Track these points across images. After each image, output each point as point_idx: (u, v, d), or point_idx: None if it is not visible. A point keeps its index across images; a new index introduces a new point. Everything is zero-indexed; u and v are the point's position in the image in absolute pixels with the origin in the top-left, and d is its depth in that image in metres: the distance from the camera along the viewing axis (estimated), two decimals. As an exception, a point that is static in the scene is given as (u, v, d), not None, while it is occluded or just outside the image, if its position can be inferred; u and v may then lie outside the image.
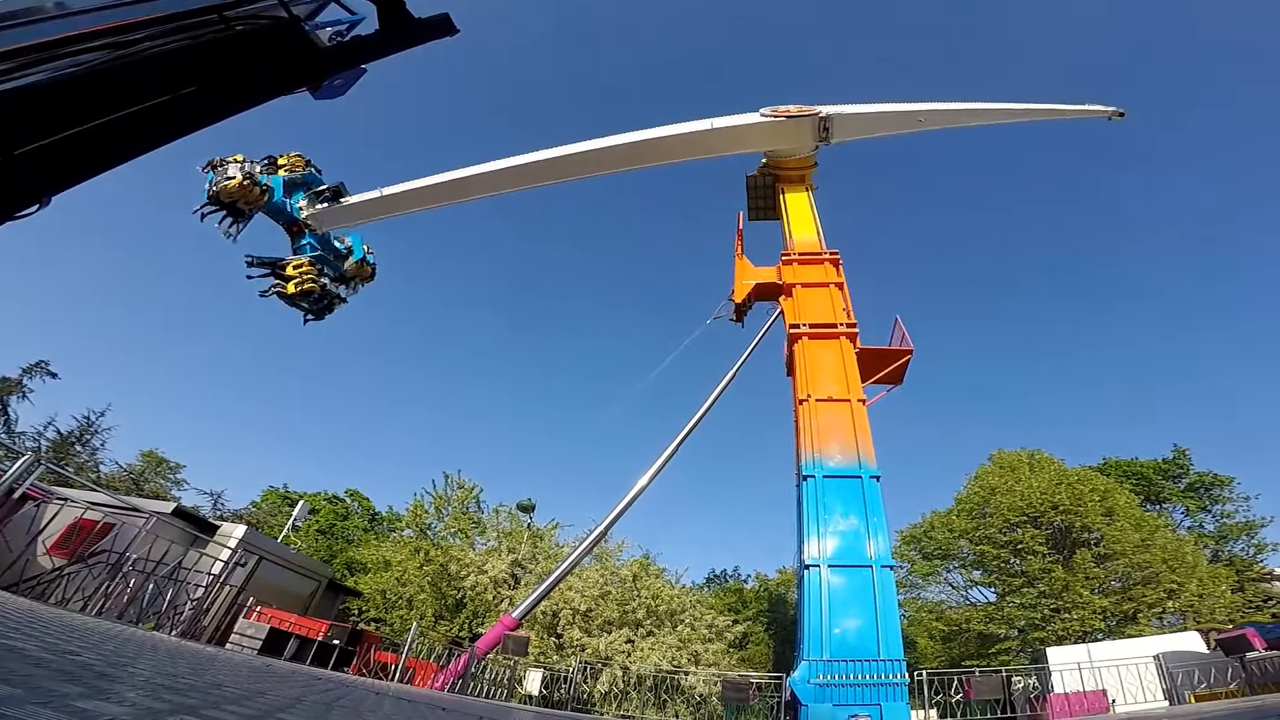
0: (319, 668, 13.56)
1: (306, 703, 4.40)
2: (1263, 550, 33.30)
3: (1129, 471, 37.71)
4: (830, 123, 22.55)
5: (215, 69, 2.39)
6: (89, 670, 3.29)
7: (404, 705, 6.96)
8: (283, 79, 2.82)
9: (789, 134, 23.05)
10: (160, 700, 2.68)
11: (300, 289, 16.03)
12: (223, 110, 2.58)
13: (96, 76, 2.10)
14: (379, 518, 46.42)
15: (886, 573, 14.08)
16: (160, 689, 3.14)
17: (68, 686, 2.48)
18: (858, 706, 12.15)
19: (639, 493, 17.57)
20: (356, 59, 3.21)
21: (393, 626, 24.99)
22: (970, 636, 30.94)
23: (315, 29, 2.94)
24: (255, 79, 2.63)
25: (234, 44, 2.43)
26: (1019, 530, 30.39)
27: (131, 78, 2.18)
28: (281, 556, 19.18)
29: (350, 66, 3.22)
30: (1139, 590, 27.22)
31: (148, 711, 2.26)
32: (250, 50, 2.53)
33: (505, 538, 28.06)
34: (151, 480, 37.03)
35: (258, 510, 41.18)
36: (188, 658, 6.52)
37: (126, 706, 2.28)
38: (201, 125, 2.53)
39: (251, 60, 2.54)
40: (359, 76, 3.41)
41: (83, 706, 2.03)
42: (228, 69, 2.44)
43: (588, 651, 21.70)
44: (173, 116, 2.39)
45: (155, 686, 3.22)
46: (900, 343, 18.86)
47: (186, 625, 12.62)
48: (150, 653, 5.89)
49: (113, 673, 3.48)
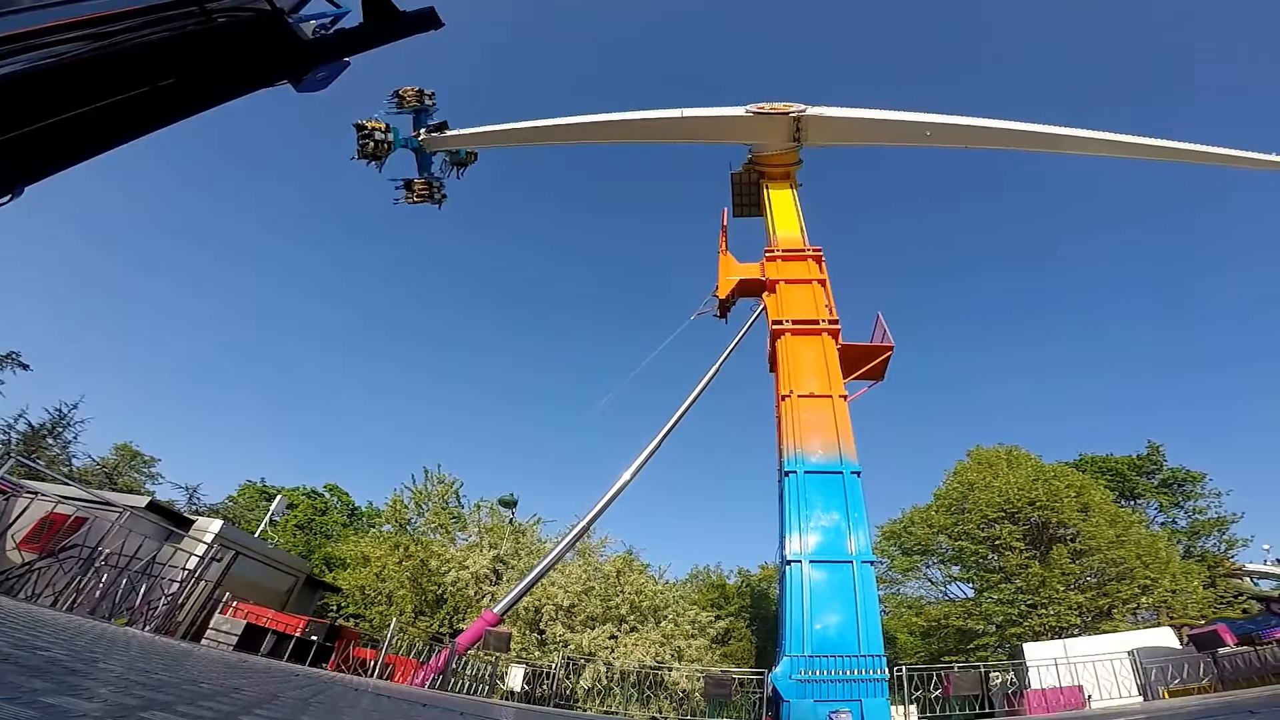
0: (296, 664, 13.43)
1: (283, 699, 4.37)
2: (1233, 546, 34.18)
3: (1104, 468, 38.43)
4: (804, 123, 22.78)
5: (195, 61, 2.36)
6: (59, 666, 3.25)
7: (384, 702, 6.92)
8: (264, 72, 2.79)
9: (763, 129, 23.47)
10: (132, 696, 2.65)
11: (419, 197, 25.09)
12: (201, 103, 2.55)
13: (74, 67, 2.07)
14: (358, 513, 46.00)
15: (867, 568, 14.20)
16: (133, 685, 3.10)
17: (36, 682, 2.45)
18: (839, 702, 12.22)
19: (622, 488, 17.61)
20: (340, 52, 3.18)
21: (372, 623, 24.81)
22: (949, 632, 31.33)
23: (299, 22, 2.91)
24: (236, 72, 2.60)
25: (214, 36, 2.40)
26: (997, 526, 30.82)
27: (110, 69, 2.14)
28: (258, 552, 18.98)
29: (333, 59, 3.20)
30: (1114, 586, 27.69)
31: (119, 708, 2.24)
32: (231, 43, 2.50)
33: (487, 533, 27.93)
34: (126, 474, 36.40)
35: (234, 505, 40.65)
36: (161, 653, 6.44)
37: (97, 703, 2.25)
38: (179, 118, 2.49)
39: (232, 53, 2.51)
40: (342, 69, 3.39)
41: (52, 703, 2.01)
42: (208, 61, 2.41)
43: (571, 647, 21.71)
44: (150, 108, 2.35)
45: (128, 682, 3.19)
46: (881, 339, 19.01)
47: (161, 621, 12.45)
48: (123, 648, 5.81)
49: (84, 669, 3.44)
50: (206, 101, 2.56)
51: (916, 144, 24.13)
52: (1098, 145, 23.14)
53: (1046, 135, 23.06)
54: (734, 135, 24.32)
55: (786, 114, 22.86)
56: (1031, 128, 23.10)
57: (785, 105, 23.01)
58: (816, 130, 23.12)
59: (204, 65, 2.43)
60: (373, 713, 5.19)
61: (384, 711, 5.56)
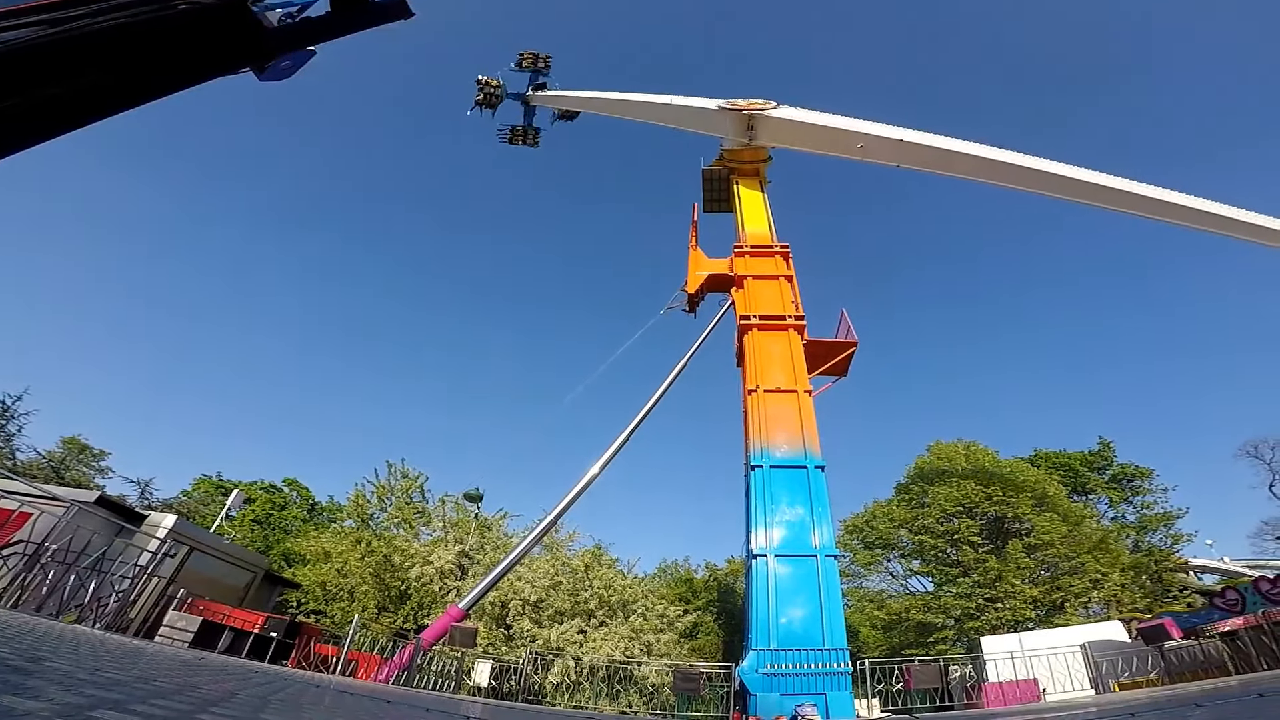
0: (256, 661, 13.15)
1: (241, 696, 4.29)
2: (1179, 541, 35.61)
3: (1057, 463, 39.60)
4: (756, 120, 23.04)
5: (155, 48, 2.28)
6: (3, 665, 3.15)
7: (347, 698, 6.83)
8: (226, 59, 2.71)
9: (722, 122, 23.89)
10: (81, 695, 2.58)
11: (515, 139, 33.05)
12: (160, 89, 2.46)
13: (31, 52, 1.99)
14: (319, 508, 45.03)
15: (830, 562, 14.48)
16: (82, 683, 3.02)
17: (-19, 682, 2.37)
18: (805, 696, 12.41)
19: (589, 482, 17.62)
20: (305, 40, 3.11)
21: (333, 619, 24.38)
22: (910, 625, 32.05)
23: (264, 10, 2.84)
24: (196, 59, 2.52)
25: (176, 23, 2.32)
26: (955, 520, 31.62)
27: (68, 54, 2.07)
28: (214, 547, 18.49)
29: (298, 48, 3.12)
30: (1066, 580, 28.64)
31: (68, 707, 2.18)
32: (193, 30, 2.43)
33: (452, 528, 27.66)
34: (74, 468, 35.09)
35: (189, 500, 39.45)
36: (113, 651, 6.25)
37: (44, 702, 2.19)
38: (137, 103, 2.40)
39: (193, 40, 2.43)
40: (308, 58, 3.31)
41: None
42: (168, 48, 2.33)
43: (538, 643, 21.64)
44: (108, 94, 2.27)
45: (77, 681, 3.10)
46: (846, 335, 19.34)
47: (112, 618, 12.06)
48: (71, 646, 5.63)
49: (30, 667, 3.33)
50: (165, 88, 2.48)
51: (851, 156, 22.65)
52: (1040, 180, 20.88)
53: (992, 162, 21.13)
54: (704, 125, 24.87)
55: (739, 110, 23.10)
56: (976, 150, 21.24)
57: (750, 102, 23.19)
58: (766, 130, 23.39)
59: (164, 52, 2.36)
60: (336, 709, 5.12)
61: (347, 708, 5.49)
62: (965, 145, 21.36)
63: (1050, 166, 20.65)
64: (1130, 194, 20.29)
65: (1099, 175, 20.39)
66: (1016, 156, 21.00)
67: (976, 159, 21.26)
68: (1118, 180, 20.30)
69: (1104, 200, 20.56)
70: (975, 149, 21.24)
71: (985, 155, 21.15)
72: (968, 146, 21.29)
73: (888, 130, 21.79)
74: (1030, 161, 20.75)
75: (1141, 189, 20.26)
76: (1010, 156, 21.03)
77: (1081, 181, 20.45)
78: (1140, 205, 20.37)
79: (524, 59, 31.65)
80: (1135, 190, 20.30)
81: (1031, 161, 20.75)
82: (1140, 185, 20.35)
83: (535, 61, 31.71)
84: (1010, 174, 21.11)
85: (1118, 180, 20.30)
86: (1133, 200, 20.36)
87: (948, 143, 21.48)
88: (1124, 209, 20.72)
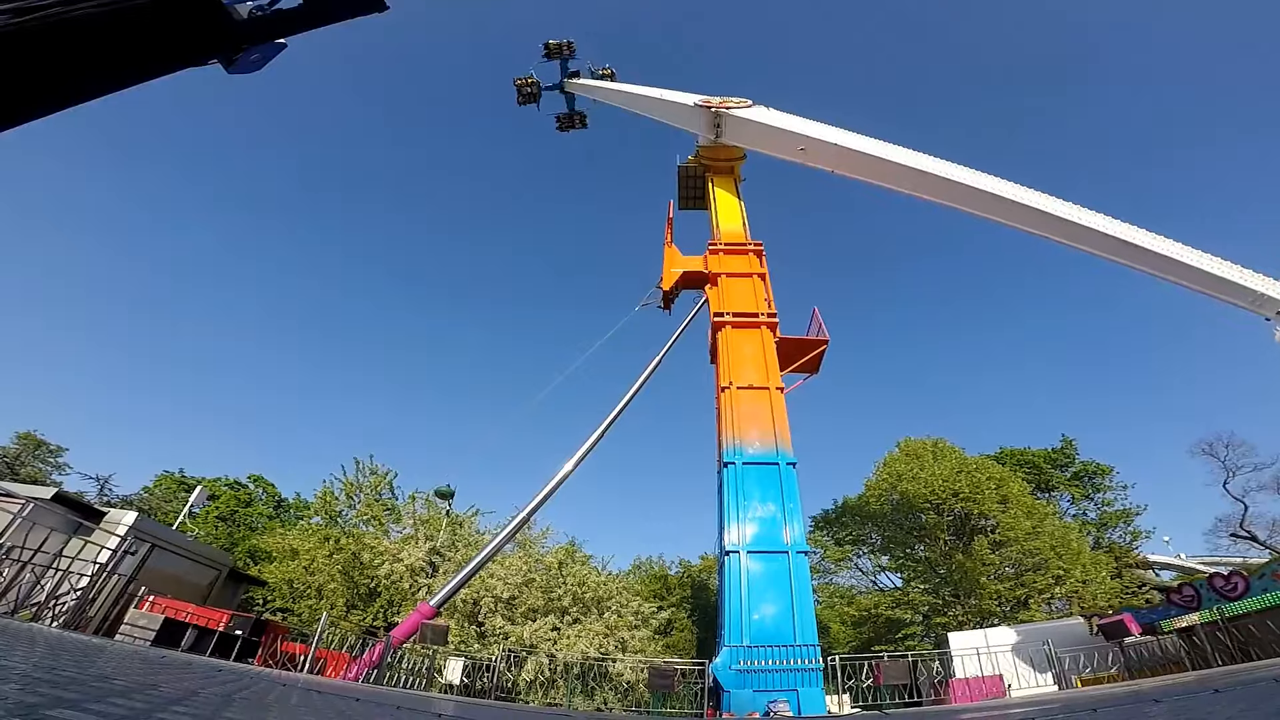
0: (220, 659, 12.90)
1: (204, 695, 4.23)
2: (1138, 537, 36.74)
3: (1022, 460, 40.56)
4: (723, 120, 23.20)
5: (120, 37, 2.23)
6: (-45, 665, 3.06)
7: (314, 697, 6.74)
8: (193, 51, 2.66)
9: (692, 118, 24.19)
10: (37, 694, 2.53)
11: (564, 126, 35.11)
12: (123, 80, 2.41)
13: None
14: (285, 505, 44.22)
15: (802, 558, 14.58)
16: (37, 682, 2.95)
17: (-69, 681, 2.31)
18: (777, 692, 12.54)
19: (563, 479, 17.60)
20: (276, 32, 3.07)
21: (301, 617, 23.99)
22: (879, 621, 32.61)
23: (235, 1, 2.79)
24: (162, 50, 2.47)
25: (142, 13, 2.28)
26: (923, 517, 32.18)
27: (28, 43, 2.02)
28: (177, 544, 18.09)
29: (268, 40, 3.08)
30: (1030, 576, 29.29)
31: (22, 706, 2.14)
32: (159, 20, 2.38)
33: (422, 525, 27.38)
34: (29, 464, 33.97)
35: (150, 496, 38.47)
36: (70, 650, 6.09)
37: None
38: (98, 95, 2.35)
39: (160, 30, 2.38)
40: (277, 51, 3.27)
41: (-51, 701, 1.91)
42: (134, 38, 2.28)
43: (511, 640, 21.54)
44: (69, 84, 2.22)
45: (31, 680, 3.03)
46: (817, 333, 19.54)
47: (70, 616, 11.73)
48: (27, 644, 5.48)
49: (-17, 667, 3.24)
50: (128, 79, 2.43)
51: (794, 159, 21.39)
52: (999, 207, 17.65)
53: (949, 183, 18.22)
54: (680, 120, 25.04)
55: (709, 106, 23.24)
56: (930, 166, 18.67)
57: (724, 99, 23.31)
58: (731, 128, 23.39)
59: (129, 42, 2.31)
60: (303, 707, 5.06)
61: (314, 706, 5.42)
62: (904, 154, 19.13)
63: (996, 186, 17.57)
64: (1090, 230, 16.41)
65: (1051, 201, 16.96)
66: (961, 172, 18.23)
67: (919, 172, 18.67)
68: (1074, 210, 16.62)
69: (1050, 230, 17.08)
70: (916, 158, 18.85)
71: (931, 169, 18.51)
72: (907, 155, 19.03)
73: (830, 134, 20.26)
74: (974, 179, 17.92)
75: (1102, 224, 16.21)
76: (955, 171, 18.31)
77: (1030, 208, 17.13)
78: (1100, 244, 16.44)
79: (550, 49, 32.80)
80: (1096, 225, 16.25)
81: (976, 179, 17.89)
82: (1101, 219, 16.37)
83: (560, 50, 32.90)
84: (956, 193, 18.29)
85: (1074, 210, 16.62)
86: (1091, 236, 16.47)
87: (888, 150, 19.37)
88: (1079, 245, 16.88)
